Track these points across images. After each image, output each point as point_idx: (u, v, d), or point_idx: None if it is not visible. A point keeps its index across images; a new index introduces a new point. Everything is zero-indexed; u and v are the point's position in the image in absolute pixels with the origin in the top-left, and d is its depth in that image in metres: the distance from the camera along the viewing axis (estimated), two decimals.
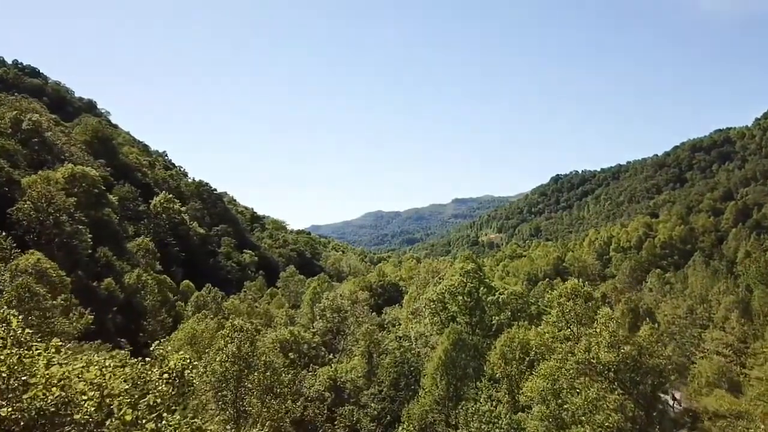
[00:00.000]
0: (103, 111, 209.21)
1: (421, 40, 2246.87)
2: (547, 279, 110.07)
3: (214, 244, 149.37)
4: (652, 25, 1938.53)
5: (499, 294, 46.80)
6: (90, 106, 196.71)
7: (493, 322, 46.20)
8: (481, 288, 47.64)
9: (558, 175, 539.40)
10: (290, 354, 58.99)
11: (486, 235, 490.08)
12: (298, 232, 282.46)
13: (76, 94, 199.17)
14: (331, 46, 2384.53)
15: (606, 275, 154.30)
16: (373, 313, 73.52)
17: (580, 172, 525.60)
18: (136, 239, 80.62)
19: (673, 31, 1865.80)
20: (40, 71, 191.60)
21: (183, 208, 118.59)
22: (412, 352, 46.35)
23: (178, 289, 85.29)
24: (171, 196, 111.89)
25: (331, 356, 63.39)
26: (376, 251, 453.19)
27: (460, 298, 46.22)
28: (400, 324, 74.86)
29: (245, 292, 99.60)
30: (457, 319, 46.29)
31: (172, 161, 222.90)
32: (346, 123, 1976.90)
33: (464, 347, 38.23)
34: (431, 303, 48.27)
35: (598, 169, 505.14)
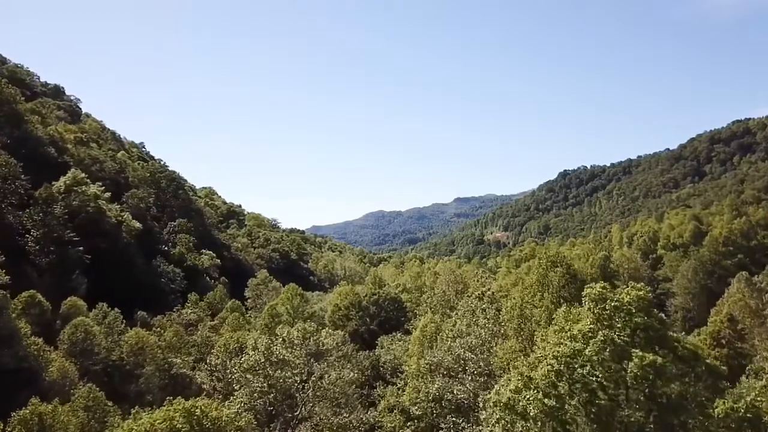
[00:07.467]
0: (72, 98, 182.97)
1: (421, 39, 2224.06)
2: (602, 284, 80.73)
3: (169, 243, 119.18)
4: (652, 22, 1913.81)
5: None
6: (56, 92, 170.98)
7: None
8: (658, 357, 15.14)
9: (566, 170, 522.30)
10: None
11: (492, 233, 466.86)
12: (291, 230, 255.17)
13: (41, 79, 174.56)
14: (332, 46, 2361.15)
15: (657, 278, 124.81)
16: (361, 354, 43.33)
17: (588, 167, 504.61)
18: None
19: (673, 29, 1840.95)
20: None
21: (107, 195, 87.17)
22: None
23: (58, 312, 54.82)
24: (84, 176, 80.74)
25: None
26: (378, 251, 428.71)
27: (596, 380, 14.95)
28: (403, 371, 44.59)
29: (179, 310, 69.03)
30: None
31: (150, 153, 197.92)
32: (346, 123, 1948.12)
33: None
34: (506, 413, 15.89)
35: (608, 164, 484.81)
